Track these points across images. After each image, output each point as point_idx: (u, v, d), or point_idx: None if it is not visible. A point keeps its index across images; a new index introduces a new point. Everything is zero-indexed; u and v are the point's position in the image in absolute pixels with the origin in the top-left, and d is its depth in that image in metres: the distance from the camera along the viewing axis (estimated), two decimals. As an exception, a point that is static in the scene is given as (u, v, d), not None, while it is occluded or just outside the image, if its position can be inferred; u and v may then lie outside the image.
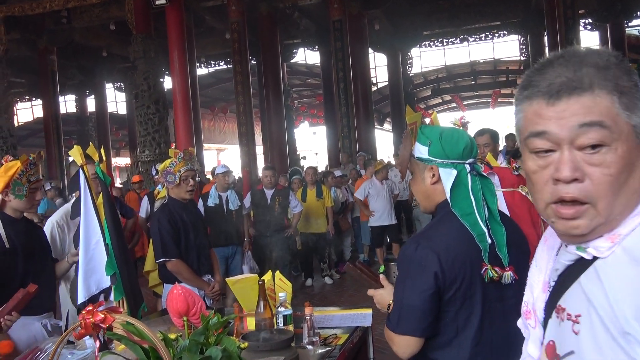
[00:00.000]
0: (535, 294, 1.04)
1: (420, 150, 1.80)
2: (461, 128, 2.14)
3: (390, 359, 5.04)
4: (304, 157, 20.19)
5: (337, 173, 9.63)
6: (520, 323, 1.13)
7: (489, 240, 1.71)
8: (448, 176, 1.76)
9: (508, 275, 1.70)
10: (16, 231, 2.84)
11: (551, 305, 0.96)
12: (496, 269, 1.69)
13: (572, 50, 0.89)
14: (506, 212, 2.21)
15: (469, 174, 1.76)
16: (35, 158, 2.86)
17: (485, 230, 1.71)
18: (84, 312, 1.30)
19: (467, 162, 1.78)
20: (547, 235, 1.05)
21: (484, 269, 1.69)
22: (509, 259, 1.72)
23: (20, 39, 14.08)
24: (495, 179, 2.38)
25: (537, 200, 0.92)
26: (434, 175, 1.78)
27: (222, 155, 28.78)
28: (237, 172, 13.00)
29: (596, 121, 0.83)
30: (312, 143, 28.75)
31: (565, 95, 0.85)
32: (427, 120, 1.97)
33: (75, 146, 2.67)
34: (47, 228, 3.50)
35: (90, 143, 2.97)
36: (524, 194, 2.32)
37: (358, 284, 8.15)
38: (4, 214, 2.83)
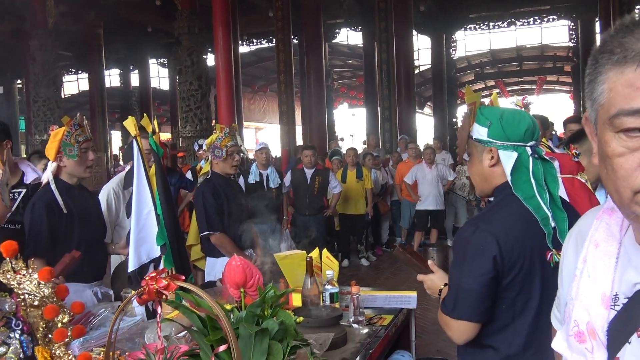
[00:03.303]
0: (592, 311, 0.83)
1: (479, 132, 1.76)
2: (523, 109, 2.08)
3: (429, 342, 5.04)
4: (342, 139, 20.15)
5: (374, 154, 9.56)
6: (560, 346, 0.92)
7: (552, 224, 1.66)
8: (508, 159, 1.71)
9: None
10: (72, 197, 2.91)
11: (625, 327, 0.78)
12: (561, 253, 1.64)
13: None
14: (566, 198, 2.15)
15: (530, 157, 1.71)
16: (79, 119, 2.92)
17: (549, 213, 1.66)
18: (147, 277, 1.31)
19: (529, 144, 1.73)
20: (599, 240, 0.88)
21: (549, 255, 1.64)
22: None
23: (68, 13, 14.31)
24: (556, 164, 2.31)
25: (619, 187, 0.75)
26: (492, 157, 1.74)
27: (261, 134, 28.94)
28: (276, 151, 13.09)
29: None
30: (350, 124, 28.62)
31: None
32: (487, 101, 1.92)
33: (129, 117, 2.70)
34: (104, 194, 3.59)
35: (145, 114, 3.00)
36: (583, 181, 2.25)
37: (394, 267, 8.14)
38: (60, 180, 2.90)
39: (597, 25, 14.81)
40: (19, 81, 20.61)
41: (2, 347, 1.19)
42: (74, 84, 24.85)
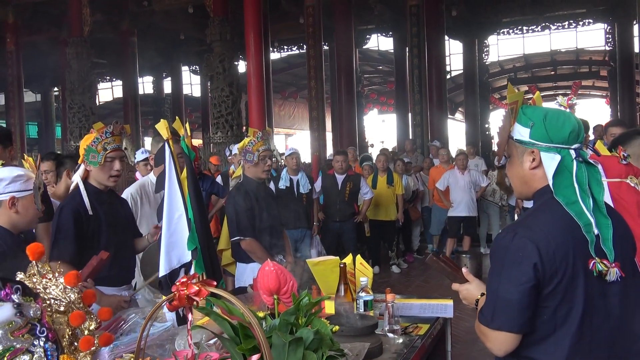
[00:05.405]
0: None
1: (521, 132, 1.68)
2: (568, 110, 1.98)
3: (464, 351, 4.92)
4: (372, 145, 20.04)
5: (405, 160, 9.45)
6: None
7: (595, 232, 1.57)
8: (550, 161, 1.63)
9: (614, 271, 1.56)
10: (101, 201, 2.91)
11: None
12: (604, 262, 1.55)
13: None
14: (610, 203, 2.05)
15: (574, 160, 1.62)
16: (113, 127, 2.90)
17: (592, 220, 1.57)
18: (178, 283, 1.27)
19: (573, 147, 1.64)
20: None
21: (592, 263, 1.55)
22: (614, 254, 1.57)
23: (103, 21, 14.60)
24: (599, 168, 2.20)
25: None
26: (534, 159, 1.66)
27: (290, 140, 29.02)
28: (306, 158, 13.06)
29: None
30: (379, 130, 28.49)
31: None
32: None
33: (161, 120, 2.67)
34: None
35: (177, 117, 2.98)
36: (632, 185, 2.13)
37: (426, 275, 8.00)
38: (89, 184, 2.90)
39: (635, 28, 14.42)
40: (55, 89, 21.13)
41: (26, 355, 1.14)
42: (109, 91, 25.34)
